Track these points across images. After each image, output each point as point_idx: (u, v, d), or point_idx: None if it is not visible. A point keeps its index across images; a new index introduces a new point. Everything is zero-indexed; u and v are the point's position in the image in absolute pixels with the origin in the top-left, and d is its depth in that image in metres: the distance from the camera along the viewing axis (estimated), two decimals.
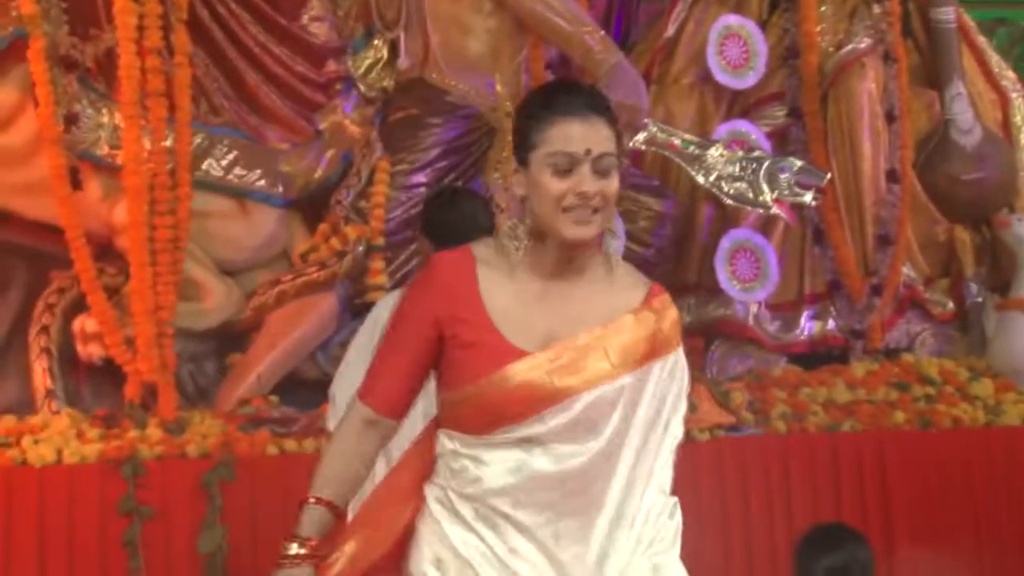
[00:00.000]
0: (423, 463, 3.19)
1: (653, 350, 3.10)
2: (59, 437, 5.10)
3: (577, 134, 3.04)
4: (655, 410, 3.11)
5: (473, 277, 3.10)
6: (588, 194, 3.03)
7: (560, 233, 3.04)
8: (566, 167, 3.03)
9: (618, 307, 3.10)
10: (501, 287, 3.10)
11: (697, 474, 5.80)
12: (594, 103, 3.08)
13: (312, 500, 3.11)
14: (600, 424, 3.04)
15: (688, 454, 5.62)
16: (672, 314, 3.18)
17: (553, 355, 3.06)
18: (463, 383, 3.09)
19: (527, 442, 3.05)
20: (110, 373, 5.56)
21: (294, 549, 3.09)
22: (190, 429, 5.30)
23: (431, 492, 3.13)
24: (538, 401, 3.04)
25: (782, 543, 5.65)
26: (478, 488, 3.06)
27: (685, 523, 5.56)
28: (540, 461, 3.05)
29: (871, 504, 5.99)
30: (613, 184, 3.06)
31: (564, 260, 3.09)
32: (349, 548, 3.14)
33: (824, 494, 5.93)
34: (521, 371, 3.04)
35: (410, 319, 3.14)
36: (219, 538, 5.03)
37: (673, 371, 3.15)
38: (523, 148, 3.08)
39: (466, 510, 3.08)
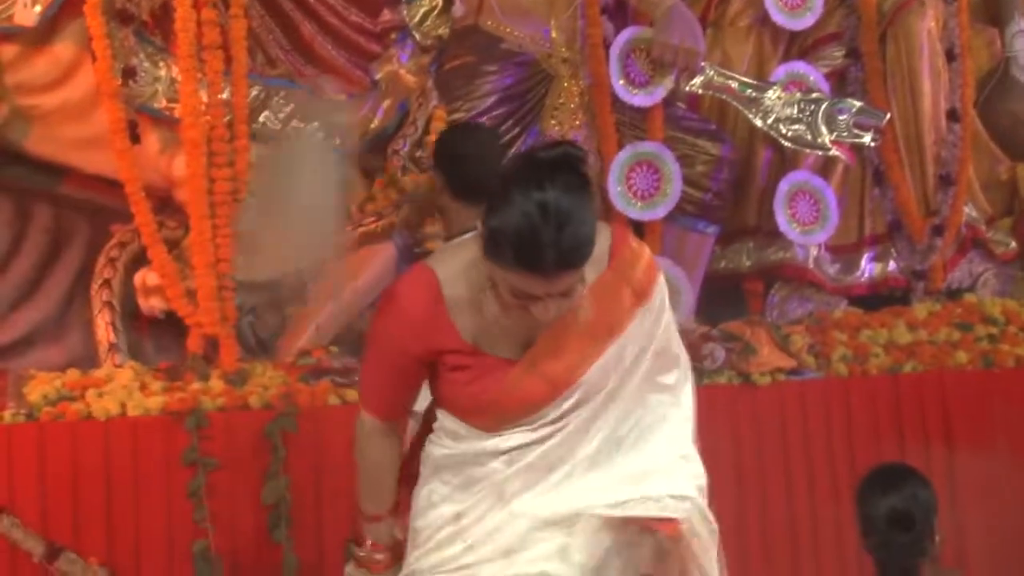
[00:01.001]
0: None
1: (630, 305, 3.08)
2: (123, 390, 5.10)
3: (539, 284, 2.89)
4: (640, 357, 3.10)
5: (440, 304, 3.03)
6: (550, 316, 2.95)
7: (509, 319, 3.00)
8: (523, 296, 2.92)
9: (586, 274, 2.99)
10: (470, 305, 3.03)
11: (758, 418, 5.81)
12: (563, 262, 2.88)
13: (372, 517, 3.25)
14: (596, 393, 3.07)
15: (749, 398, 5.74)
16: (640, 259, 3.12)
17: (539, 353, 3.03)
18: (458, 398, 3.09)
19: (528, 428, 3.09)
20: (172, 326, 5.57)
21: (376, 556, 3.24)
22: (252, 380, 5.30)
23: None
24: (539, 401, 3.05)
25: (844, 486, 5.60)
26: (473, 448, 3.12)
27: (748, 467, 5.60)
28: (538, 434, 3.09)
29: (934, 446, 5.94)
30: (574, 294, 2.95)
31: None
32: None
33: (886, 437, 5.89)
34: (515, 381, 3.03)
35: (388, 358, 3.14)
36: (282, 488, 5.03)
37: (648, 317, 3.12)
38: (485, 247, 2.92)
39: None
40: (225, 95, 5.60)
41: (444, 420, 3.19)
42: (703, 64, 6.28)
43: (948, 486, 5.67)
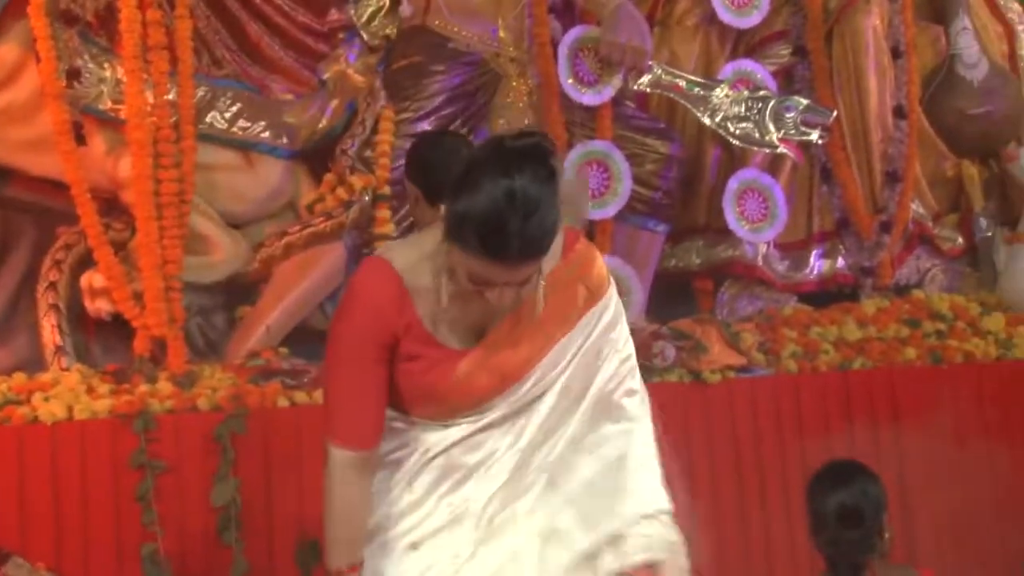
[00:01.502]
0: None
1: (583, 302, 3.08)
2: (69, 393, 5.06)
3: (499, 272, 2.89)
4: (592, 358, 3.09)
5: (402, 288, 3.02)
6: (506, 303, 2.95)
7: (464, 307, 3.00)
8: (482, 282, 2.92)
9: (542, 267, 3.00)
10: (426, 293, 3.01)
11: (709, 416, 5.81)
12: (527, 251, 2.88)
13: (346, 570, 3.08)
14: (546, 389, 3.06)
15: (699, 396, 5.73)
16: (595, 259, 3.13)
17: (491, 344, 3.03)
18: (412, 388, 3.05)
19: (477, 419, 3.07)
20: (119, 328, 5.52)
21: None
22: (200, 383, 5.26)
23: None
24: (489, 393, 3.04)
25: (795, 483, 5.59)
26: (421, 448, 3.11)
27: (698, 465, 5.60)
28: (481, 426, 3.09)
29: (884, 442, 5.97)
30: (530, 283, 2.95)
31: None
32: None
33: (837, 433, 5.91)
34: (466, 372, 3.02)
35: (355, 353, 3.05)
36: (232, 491, 5.00)
37: (602, 316, 3.11)
38: (448, 230, 2.91)
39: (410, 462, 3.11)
40: (171, 96, 5.56)
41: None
42: (651, 63, 6.28)
43: (897, 482, 5.68)
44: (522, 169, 2.84)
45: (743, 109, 6.37)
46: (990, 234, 7.23)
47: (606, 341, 3.13)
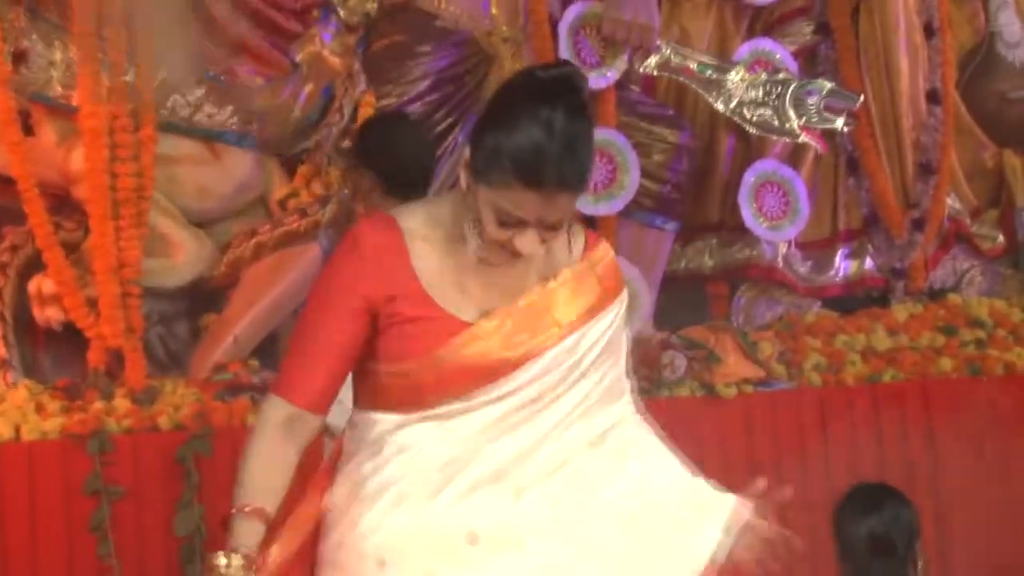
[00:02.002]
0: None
1: (597, 302, 3.15)
2: (16, 411, 5.07)
3: (533, 205, 2.96)
4: (602, 362, 3.15)
5: (403, 248, 3.08)
6: (535, 248, 3.00)
7: (489, 258, 3.05)
8: (512, 223, 2.98)
9: (556, 261, 3.13)
10: (433, 258, 3.09)
11: (725, 433, 5.81)
12: (565, 179, 2.96)
13: (246, 509, 3.02)
14: (545, 387, 3.09)
15: (713, 411, 5.73)
16: (610, 262, 3.22)
17: (497, 323, 3.08)
18: (403, 358, 3.07)
19: (466, 412, 3.09)
20: (71, 339, 5.53)
21: (232, 561, 2.99)
22: (161, 399, 5.27)
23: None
24: (487, 373, 3.07)
25: (819, 507, 5.59)
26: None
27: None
28: (472, 426, 3.10)
29: (917, 462, 5.98)
30: (558, 232, 3.03)
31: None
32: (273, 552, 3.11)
33: (865, 451, 5.92)
34: (465, 344, 3.05)
35: (337, 298, 3.09)
36: (196, 518, 5.01)
37: (616, 318, 3.18)
38: (476, 168, 3.00)
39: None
40: (128, 77, 5.56)
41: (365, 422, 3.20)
42: (659, 42, 6.31)
43: (932, 505, 5.70)
44: (557, 100, 2.96)
45: (761, 94, 6.41)
46: None
47: (619, 343, 3.21)
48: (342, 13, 6.15)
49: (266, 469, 3.08)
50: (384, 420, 3.15)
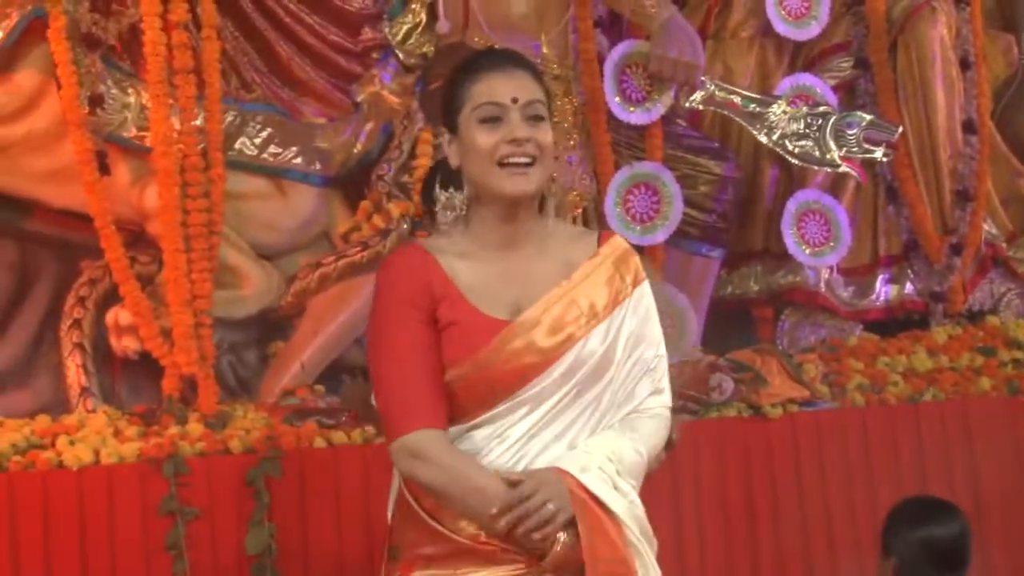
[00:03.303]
0: None
1: (618, 292, 3.26)
2: (96, 437, 5.08)
3: (502, 86, 3.19)
4: (630, 350, 3.25)
5: (433, 260, 3.21)
6: (520, 139, 3.18)
7: (499, 189, 3.18)
8: (495, 116, 3.17)
9: (574, 260, 3.26)
10: (461, 267, 3.21)
11: (771, 452, 5.80)
12: (516, 59, 3.26)
13: (496, 514, 3.11)
14: (583, 376, 3.19)
15: (760, 431, 5.74)
16: (626, 252, 3.33)
17: (530, 320, 3.17)
18: (451, 363, 3.16)
19: (513, 411, 3.17)
20: (147, 367, 5.56)
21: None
22: (232, 423, 5.30)
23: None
24: (528, 370, 3.16)
25: (865, 522, 5.63)
26: None
27: (759, 504, 5.61)
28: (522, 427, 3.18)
29: (958, 478, 5.95)
30: (547, 134, 3.24)
31: (508, 222, 3.22)
32: None
33: (907, 469, 5.89)
34: (506, 341, 3.15)
35: (397, 316, 3.18)
36: (267, 537, 5.00)
37: (637, 308, 3.28)
38: (450, 113, 3.24)
39: None
40: (198, 121, 5.60)
41: None
42: (703, 78, 6.33)
43: (975, 525, 5.64)
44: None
45: (802, 126, 6.40)
46: None
47: (643, 334, 3.29)
48: (401, 55, 6.20)
49: (469, 475, 3.13)
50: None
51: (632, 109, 6.30)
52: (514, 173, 3.17)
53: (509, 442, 3.18)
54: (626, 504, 3.19)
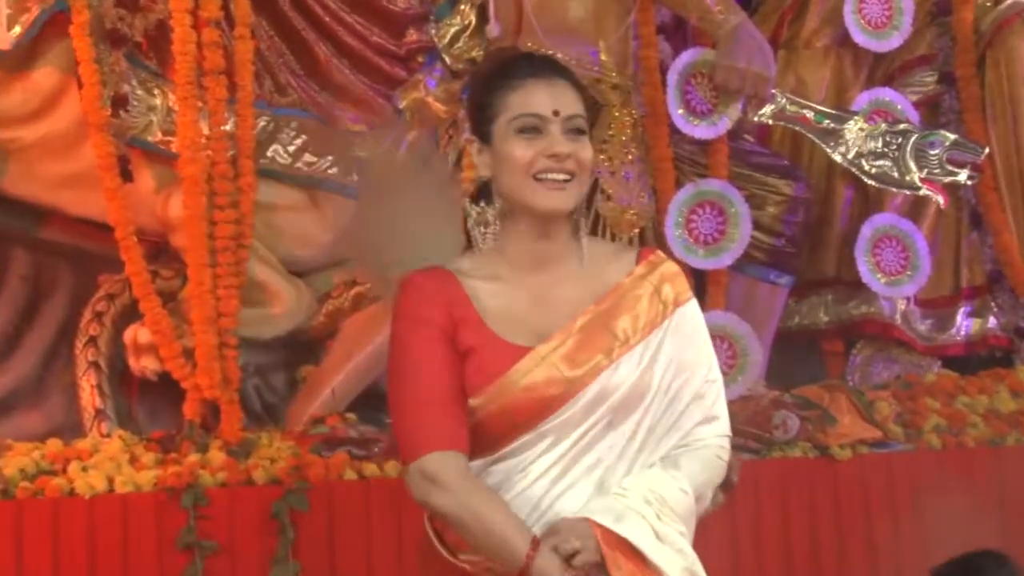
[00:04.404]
0: None
1: (657, 312, 3.22)
2: (110, 463, 5.11)
3: (542, 96, 3.19)
4: (671, 376, 3.20)
5: (456, 282, 3.20)
6: (561, 155, 3.16)
7: (533, 204, 3.17)
8: (534, 128, 3.17)
9: (609, 280, 3.24)
10: (485, 291, 3.20)
11: (838, 497, 5.81)
12: (556, 67, 3.27)
13: (530, 549, 3.06)
14: (613, 407, 3.14)
15: (828, 474, 5.71)
16: (670, 269, 3.30)
17: (556, 344, 3.15)
18: (470, 392, 3.14)
19: (536, 444, 3.14)
20: (167, 389, 5.58)
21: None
22: (257, 452, 5.31)
23: None
24: (551, 400, 3.13)
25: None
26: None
27: (824, 550, 5.57)
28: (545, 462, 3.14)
29: None
30: (587, 150, 3.21)
31: (540, 240, 3.21)
32: None
33: (987, 516, 5.85)
34: (527, 369, 3.13)
35: (417, 340, 3.17)
36: (292, 574, 5.02)
37: (679, 330, 3.23)
38: (483, 121, 3.23)
39: None
40: (228, 127, 5.63)
41: None
42: (774, 91, 6.31)
43: None
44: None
45: (880, 144, 6.39)
46: None
47: (688, 358, 3.25)
48: (447, 59, 6.21)
49: (495, 512, 3.08)
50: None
51: (696, 122, 6.27)
52: (551, 189, 3.17)
53: (532, 476, 3.14)
54: (672, 555, 3.13)
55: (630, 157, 6.24)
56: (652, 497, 3.14)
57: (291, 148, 5.92)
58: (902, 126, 6.42)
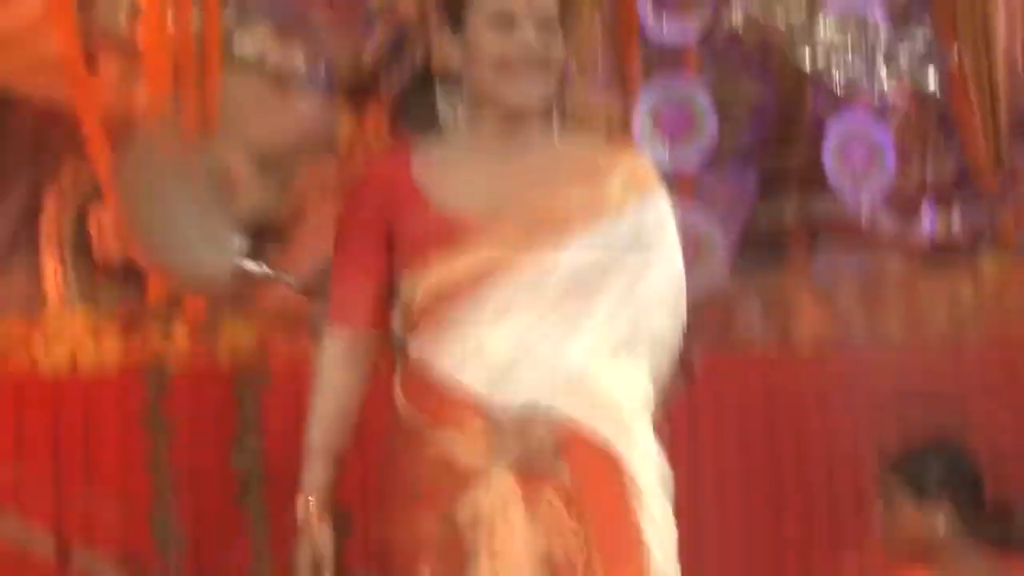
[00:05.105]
0: None
1: (616, 200, 3.28)
2: (73, 339, 5.21)
3: None
4: (625, 266, 3.26)
5: (407, 165, 3.30)
6: (533, 48, 3.22)
7: (503, 97, 3.25)
8: (507, 22, 3.21)
9: (577, 169, 3.29)
10: (440, 168, 3.29)
11: (800, 391, 5.86)
12: None
13: (316, 448, 3.38)
14: (558, 288, 3.21)
15: (790, 368, 5.76)
16: (639, 161, 3.38)
17: (498, 222, 3.23)
18: (415, 269, 3.24)
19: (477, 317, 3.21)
20: (131, 273, 5.63)
21: (309, 508, 3.37)
22: (221, 332, 5.38)
23: None
24: (490, 275, 3.21)
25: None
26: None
27: (785, 447, 5.61)
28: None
29: (1004, 419, 5.95)
30: (558, 46, 3.26)
31: (510, 135, 3.28)
32: None
33: (947, 409, 5.90)
34: (473, 246, 3.21)
35: (356, 224, 3.33)
36: (254, 452, 5.15)
37: (640, 219, 3.30)
38: (454, 5, 3.27)
39: None
40: (195, 19, 5.69)
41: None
42: None
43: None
44: None
45: (849, 48, 6.47)
46: None
47: (649, 247, 3.30)
48: None
49: (334, 401, 3.36)
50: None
51: (666, 24, 6.33)
52: (523, 81, 3.23)
53: (485, 356, 3.21)
54: (628, 443, 3.24)
55: (598, 58, 6.32)
56: (611, 385, 3.23)
57: (258, 39, 5.99)
58: (871, 28, 6.48)
